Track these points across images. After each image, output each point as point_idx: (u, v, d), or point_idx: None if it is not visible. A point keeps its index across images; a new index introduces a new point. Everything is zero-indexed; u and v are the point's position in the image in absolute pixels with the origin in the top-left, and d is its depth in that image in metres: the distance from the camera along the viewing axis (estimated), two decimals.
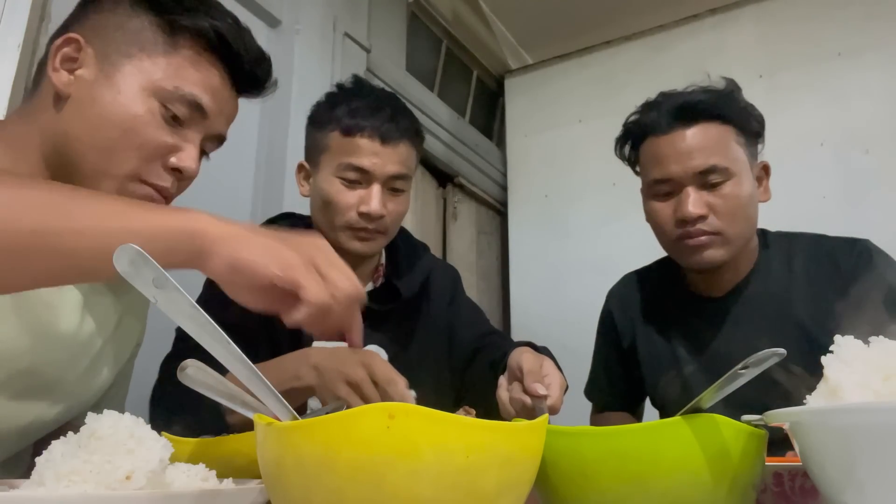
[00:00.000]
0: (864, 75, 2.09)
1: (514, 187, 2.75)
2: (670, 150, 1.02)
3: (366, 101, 1.01)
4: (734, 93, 1.07)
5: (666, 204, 1.05)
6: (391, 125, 1.00)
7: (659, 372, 1.15)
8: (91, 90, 0.71)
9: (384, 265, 1.14)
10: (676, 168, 1.01)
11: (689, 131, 1.02)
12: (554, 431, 0.50)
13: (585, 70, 2.64)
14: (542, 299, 2.52)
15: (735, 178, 1.01)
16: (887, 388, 0.40)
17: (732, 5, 2.36)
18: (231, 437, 0.62)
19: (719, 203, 1.00)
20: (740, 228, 1.02)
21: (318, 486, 0.38)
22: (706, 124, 1.02)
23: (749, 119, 1.06)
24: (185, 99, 0.73)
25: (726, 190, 1.01)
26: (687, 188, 1.01)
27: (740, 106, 1.06)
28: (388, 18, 2.27)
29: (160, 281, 0.39)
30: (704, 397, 0.48)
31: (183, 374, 0.48)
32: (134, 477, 0.41)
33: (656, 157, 1.05)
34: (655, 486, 0.47)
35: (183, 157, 0.75)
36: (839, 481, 0.40)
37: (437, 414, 0.37)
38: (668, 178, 1.03)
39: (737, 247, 1.03)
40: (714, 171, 1.00)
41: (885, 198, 1.98)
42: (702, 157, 1.00)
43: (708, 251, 1.02)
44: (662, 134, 1.04)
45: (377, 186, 1.00)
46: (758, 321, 1.05)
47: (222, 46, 0.76)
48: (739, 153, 1.03)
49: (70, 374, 0.75)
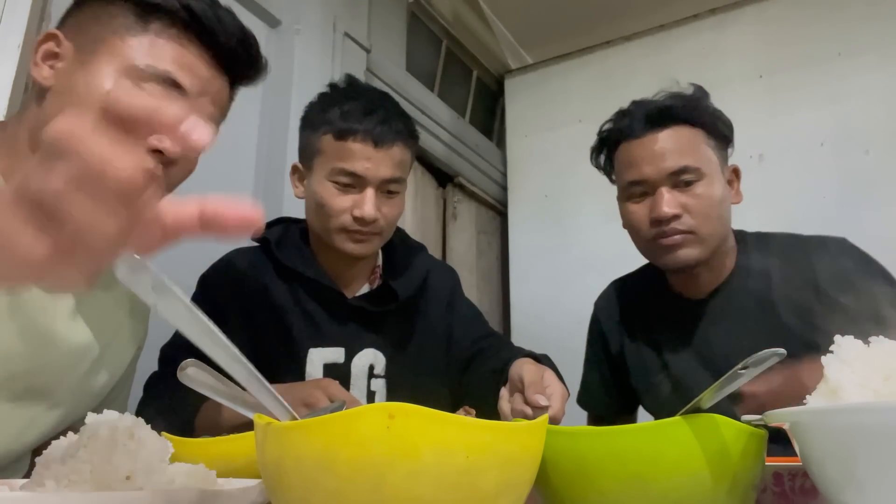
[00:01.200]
0: (864, 75, 2.09)
1: (514, 187, 2.74)
2: (644, 152, 1.06)
3: (358, 103, 1.00)
4: (702, 98, 1.11)
5: (640, 205, 1.08)
6: (384, 128, 0.99)
7: (647, 376, 1.16)
8: (68, 79, 0.71)
9: (381, 266, 1.14)
10: (650, 169, 1.05)
11: (661, 134, 1.06)
12: (554, 431, 0.50)
13: (585, 70, 2.64)
14: (542, 299, 2.52)
15: (707, 179, 1.04)
16: (887, 388, 0.40)
17: (732, 5, 2.36)
18: (231, 437, 0.62)
19: (692, 203, 1.03)
20: (713, 227, 1.05)
21: (318, 486, 0.38)
22: (677, 128, 1.06)
23: (717, 123, 1.10)
24: (159, 76, 0.72)
25: (699, 190, 1.04)
26: (660, 189, 1.04)
27: (709, 111, 1.10)
28: (388, 18, 2.27)
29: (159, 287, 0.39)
30: (704, 397, 0.48)
31: (183, 374, 0.48)
32: (134, 477, 0.41)
33: (630, 160, 1.08)
34: (655, 486, 0.47)
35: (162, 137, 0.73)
36: (839, 481, 0.40)
37: (437, 414, 0.37)
38: (643, 179, 1.06)
39: (711, 246, 1.05)
40: (686, 171, 1.03)
41: (885, 198, 1.98)
42: (674, 158, 1.04)
43: (682, 250, 1.04)
44: (636, 138, 1.08)
45: (371, 190, 0.99)
46: (740, 320, 1.07)
47: (195, 24, 0.75)
48: (710, 155, 1.07)
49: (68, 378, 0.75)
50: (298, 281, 1.04)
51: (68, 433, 0.45)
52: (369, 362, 1.05)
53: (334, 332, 1.04)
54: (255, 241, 1.07)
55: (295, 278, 1.05)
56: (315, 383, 0.89)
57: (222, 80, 0.80)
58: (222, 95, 0.81)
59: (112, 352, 0.82)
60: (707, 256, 1.05)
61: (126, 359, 0.87)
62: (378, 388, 1.05)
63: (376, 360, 1.06)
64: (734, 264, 1.10)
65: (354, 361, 1.04)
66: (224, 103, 0.82)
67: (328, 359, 1.03)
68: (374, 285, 1.12)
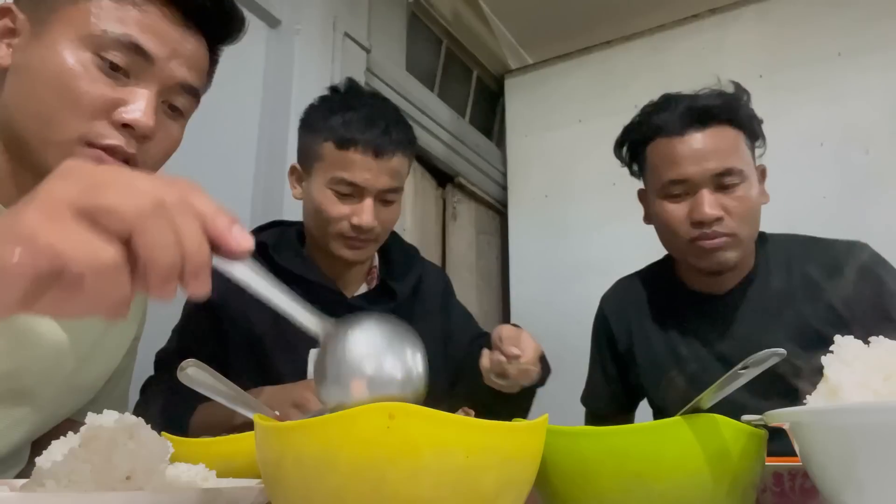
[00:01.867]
0: (864, 75, 2.09)
1: (514, 187, 2.74)
2: (686, 151, 1.03)
3: (361, 113, 1.01)
4: (744, 98, 1.09)
5: (679, 205, 1.05)
6: (385, 139, 1.00)
7: (660, 372, 1.15)
8: (24, 55, 0.66)
9: (377, 267, 1.16)
10: (693, 169, 1.02)
11: (704, 133, 1.03)
12: (554, 431, 0.50)
13: (585, 70, 2.64)
14: (542, 299, 2.52)
15: (748, 181, 1.03)
16: (887, 388, 0.40)
17: (732, 5, 2.36)
18: (231, 437, 0.62)
19: (734, 205, 1.02)
20: (751, 230, 1.05)
21: (318, 486, 0.38)
22: (720, 127, 1.04)
23: (754, 123, 1.08)
24: (119, 41, 0.65)
25: (740, 192, 1.02)
26: (702, 190, 1.02)
27: (749, 111, 1.08)
28: (388, 18, 2.27)
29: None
30: (704, 397, 0.48)
31: (183, 374, 0.48)
32: (134, 477, 0.41)
33: (671, 157, 1.05)
34: (655, 486, 0.47)
35: (131, 110, 0.66)
36: (839, 481, 0.40)
37: (437, 414, 0.37)
38: (685, 178, 1.03)
39: (747, 248, 1.06)
40: (730, 174, 1.02)
41: (885, 198, 1.98)
42: (718, 159, 1.02)
43: (723, 253, 1.03)
44: (676, 135, 1.05)
45: (369, 200, 1.00)
46: (762, 317, 1.07)
47: None
48: (748, 157, 1.06)
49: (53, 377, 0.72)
50: (297, 283, 1.06)
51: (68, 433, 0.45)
52: None
53: None
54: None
55: (293, 281, 1.06)
56: (305, 384, 0.89)
57: (196, 39, 0.72)
58: (198, 56, 0.73)
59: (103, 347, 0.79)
60: (743, 258, 1.06)
61: (120, 352, 0.85)
62: None
63: None
64: (754, 262, 1.10)
65: None
66: (202, 65, 0.74)
67: None
68: (372, 285, 1.13)
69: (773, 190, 1.11)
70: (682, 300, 1.14)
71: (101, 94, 0.65)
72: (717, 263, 1.04)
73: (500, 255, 2.91)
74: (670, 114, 1.06)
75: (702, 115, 1.04)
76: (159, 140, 0.71)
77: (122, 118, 0.66)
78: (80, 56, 0.64)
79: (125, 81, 0.66)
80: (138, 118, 0.66)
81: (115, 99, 0.65)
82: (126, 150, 0.67)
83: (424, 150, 2.44)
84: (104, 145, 0.65)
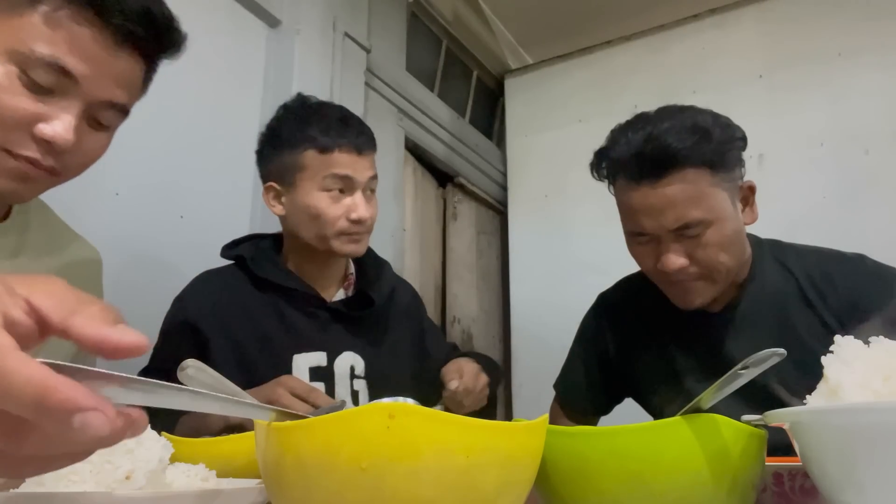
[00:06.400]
0: (864, 75, 2.09)
1: (514, 187, 2.75)
2: (642, 205, 0.95)
3: (332, 118, 1.09)
4: (708, 130, 0.94)
5: (646, 247, 1.00)
6: (363, 137, 1.09)
7: (656, 382, 1.12)
8: None
9: (353, 275, 1.21)
10: (650, 223, 0.95)
11: (659, 185, 0.93)
12: (554, 431, 0.50)
13: (585, 70, 2.64)
14: (542, 299, 2.52)
15: (715, 224, 0.94)
16: (887, 388, 0.40)
17: (732, 5, 2.36)
18: (231, 437, 0.62)
19: (700, 252, 0.95)
20: (726, 265, 0.97)
21: (318, 486, 0.38)
22: (679, 173, 0.92)
23: (727, 152, 0.95)
24: (44, 62, 0.65)
25: (707, 238, 0.94)
26: (664, 241, 0.96)
27: (717, 142, 0.94)
28: (388, 18, 2.27)
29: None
30: (704, 397, 0.48)
31: (183, 374, 0.48)
32: (134, 477, 0.41)
33: (628, 207, 0.98)
34: (655, 486, 0.47)
35: (52, 126, 0.66)
36: (839, 481, 0.40)
37: (437, 414, 0.37)
38: (642, 232, 0.98)
39: (726, 280, 1.00)
40: (689, 227, 0.93)
41: (885, 198, 1.98)
42: (675, 213, 0.93)
43: (695, 294, 0.99)
44: (633, 182, 0.96)
45: (359, 194, 1.08)
46: (758, 330, 1.03)
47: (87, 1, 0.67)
48: (717, 195, 0.94)
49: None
50: (276, 292, 1.10)
51: None
52: (350, 364, 1.10)
53: (315, 338, 1.09)
54: (228, 259, 1.13)
55: (273, 290, 1.10)
56: (275, 382, 0.93)
57: (128, 57, 0.71)
58: (128, 75, 0.72)
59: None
60: (723, 289, 1.00)
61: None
62: (361, 388, 1.11)
63: (356, 362, 1.11)
64: (749, 272, 1.05)
65: (337, 363, 1.09)
66: (134, 82, 0.73)
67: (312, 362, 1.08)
68: (350, 292, 1.18)
69: (772, 190, 1.10)
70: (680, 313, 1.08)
71: (22, 107, 0.65)
72: (690, 304, 1.00)
73: (500, 254, 2.91)
74: (627, 149, 0.96)
75: (656, 164, 0.92)
76: (82, 152, 0.71)
77: (42, 133, 0.66)
78: (6, 69, 0.65)
79: (48, 97, 0.67)
80: (57, 134, 0.66)
81: (37, 113, 0.66)
82: (43, 163, 0.68)
83: (424, 150, 2.44)
84: (24, 156, 0.66)
